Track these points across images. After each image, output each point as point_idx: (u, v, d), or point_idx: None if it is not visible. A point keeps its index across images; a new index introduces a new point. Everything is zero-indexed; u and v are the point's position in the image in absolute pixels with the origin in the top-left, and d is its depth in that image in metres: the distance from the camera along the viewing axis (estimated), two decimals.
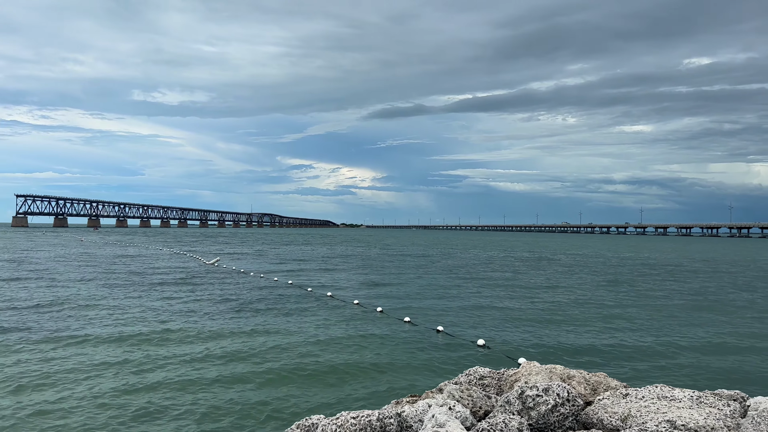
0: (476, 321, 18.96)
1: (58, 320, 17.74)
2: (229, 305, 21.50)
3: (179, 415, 9.44)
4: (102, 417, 9.25)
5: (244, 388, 10.89)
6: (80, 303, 21.42)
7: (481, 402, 5.31)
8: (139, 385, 10.96)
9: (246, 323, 17.74)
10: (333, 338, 15.63)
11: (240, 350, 13.99)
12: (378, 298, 24.11)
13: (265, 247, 76.80)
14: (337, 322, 18.26)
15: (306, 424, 5.48)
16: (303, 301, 22.89)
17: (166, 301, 22.54)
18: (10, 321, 17.51)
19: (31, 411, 9.48)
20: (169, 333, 15.97)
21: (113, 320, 17.91)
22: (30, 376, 11.45)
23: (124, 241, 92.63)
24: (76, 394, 10.31)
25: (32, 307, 20.15)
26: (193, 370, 12.13)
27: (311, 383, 11.35)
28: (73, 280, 29.97)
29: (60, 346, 14.18)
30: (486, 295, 26.21)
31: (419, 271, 39.41)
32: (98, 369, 12.08)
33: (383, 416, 4.74)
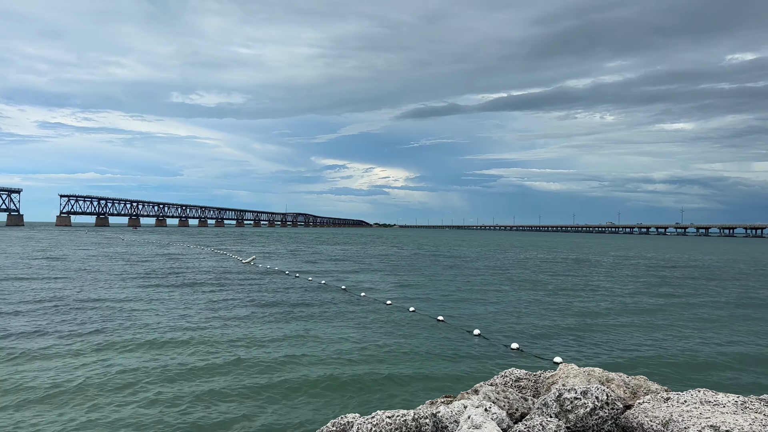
0: (511, 323, 18.76)
1: (101, 320, 18.25)
2: (264, 305, 21.78)
3: (216, 412, 9.61)
4: (146, 418, 9.48)
5: (277, 387, 11.02)
6: (121, 302, 22.01)
7: (517, 404, 5.26)
8: (176, 386, 11.20)
9: (280, 322, 17.95)
10: (365, 338, 15.68)
11: (274, 349, 14.16)
12: (410, 298, 24.09)
13: (300, 247, 77.57)
14: (370, 321, 18.32)
15: (341, 422, 5.52)
16: (336, 301, 23.03)
17: (204, 300, 22.98)
18: (52, 320, 18.10)
19: (74, 414, 9.78)
20: (207, 332, 16.27)
21: (154, 319, 18.34)
22: (75, 377, 11.81)
23: (163, 241, 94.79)
24: (112, 398, 10.60)
25: (75, 307, 20.79)
26: (229, 370, 12.34)
27: (344, 382, 11.41)
28: (115, 279, 30.81)
29: (101, 346, 14.58)
30: (521, 296, 25.92)
31: (452, 272, 39.22)
32: (138, 369, 12.38)
33: (418, 416, 4.74)
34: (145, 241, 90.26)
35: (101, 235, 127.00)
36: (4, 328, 16.28)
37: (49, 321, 17.43)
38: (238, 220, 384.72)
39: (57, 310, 19.42)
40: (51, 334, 15.53)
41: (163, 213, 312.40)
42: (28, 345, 14.16)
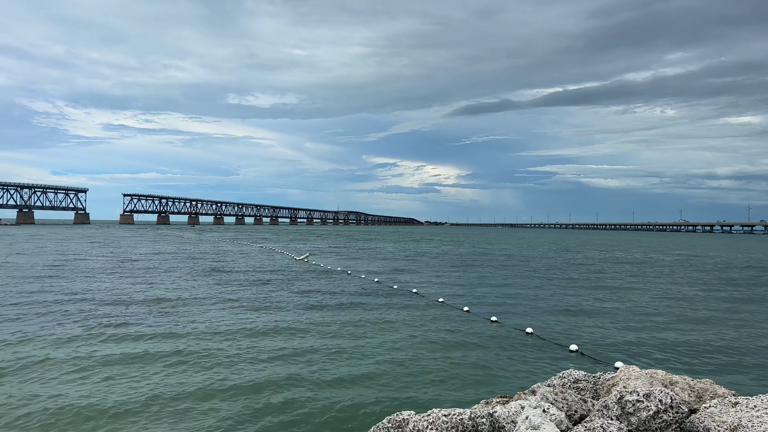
0: (567, 323, 18.38)
1: (161, 315, 18.96)
2: (317, 301, 22.12)
3: (274, 408, 9.85)
4: (206, 413, 9.82)
5: (330, 382, 11.19)
6: (182, 298, 22.81)
7: (576, 405, 5.17)
8: (237, 382, 11.53)
9: (333, 320, 18.18)
10: (417, 336, 15.70)
11: (327, 345, 14.37)
12: (463, 297, 23.93)
13: (351, 244, 78.26)
14: (422, 320, 18.32)
15: (397, 419, 5.56)
16: (388, 299, 23.13)
17: (262, 296, 23.53)
18: (113, 315, 18.93)
19: (139, 407, 10.21)
20: (264, 330, 16.67)
21: (213, 316, 18.91)
22: (134, 371, 12.34)
23: (220, 238, 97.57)
24: (171, 391, 11.00)
25: (138, 302, 21.68)
26: (284, 366, 12.60)
27: (396, 380, 11.47)
28: (176, 276, 31.95)
29: (158, 341, 15.15)
30: (579, 296, 25.33)
31: (506, 270, 38.70)
32: (197, 366, 12.82)
33: (475, 415, 4.73)
34: (203, 239, 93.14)
35: (162, 232, 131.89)
36: (71, 325, 17.16)
37: (114, 316, 18.26)
38: (292, 218, 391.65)
39: (123, 307, 20.31)
40: (114, 329, 16.26)
41: (220, 211, 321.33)
42: (93, 342, 14.88)
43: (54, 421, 9.01)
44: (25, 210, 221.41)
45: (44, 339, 14.60)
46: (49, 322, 16.83)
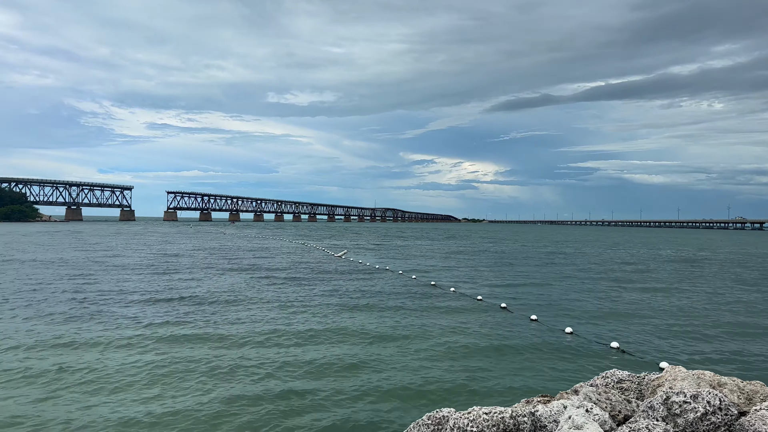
0: (610, 322, 18.02)
1: (204, 313, 19.40)
2: (356, 299, 22.27)
3: (315, 404, 9.99)
4: (247, 412, 10.03)
5: (369, 378, 11.27)
6: (224, 296, 23.28)
7: (620, 406, 5.08)
8: (276, 379, 11.73)
9: (371, 317, 18.28)
10: (455, 333, 15.65)
11: (365, 342, 14.46)
12: (502, 295, 23.71)
13: (389, 241, 78.41)
14: (460, 317, 18.24)
15: (436, 416, 5.58)
16: (426, 296, 23.11)
17: (301, 294, 23.84)
18: (153, 312, 19.46)
19: (180, 406, 10.49)
20: (304, 326, 16.89)
21: (255, 314, 19.25)
22: (172, 370, 12.66)
23: (260, 235, 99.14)
24: (212, 391, 11.26)
25: (180, 300, 22.22)
26: (322, 362, 12.74)
27: (434, 376, 11.47)
28: (218, 273, 32.64)
29: (199, 340, 15.49)
30: (621, 295, 24.80)
31: (546, 268, 38.16)
32: (237, 365, 13.07)
33: (516, 414, 4.71)
34: (243, 236, 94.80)
35: (204, 229, 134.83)
36: (111, 319, 17.73)
37: (154, 311, 18.79)
38: (330, 215, 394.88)
39: (165, 303, 20.87)
40: (154, 324, 16.74)
41: (260, 208, 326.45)
42: (137, 335, 15.35)
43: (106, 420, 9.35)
44: (73, 207, 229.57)
45: (96, 337, 15.14)
46: (98, 321, 17.44)
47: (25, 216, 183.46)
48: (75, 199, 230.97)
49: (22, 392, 10.14)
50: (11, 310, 18.19)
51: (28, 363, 12.01)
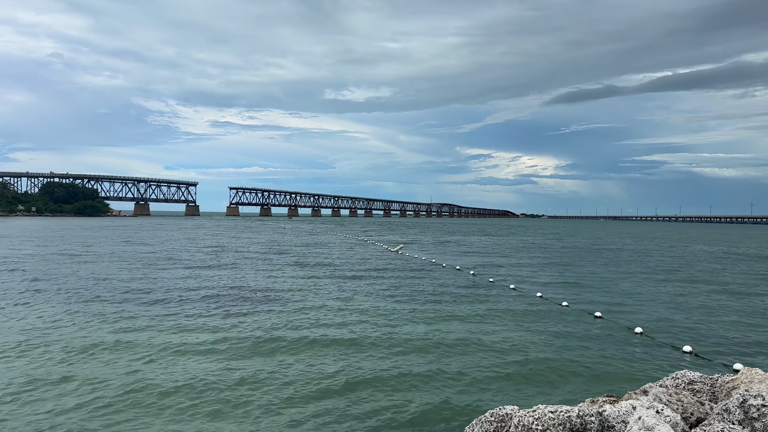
0: (680, 322, 17.34)
1: (268, 307, 19.91)
2: (413, 294, 22.33)
3: (379, 397, 10.13)
4: (323, 404, 10.27)
5: (430, 376, 11.31)
6: (287, 288, 23.84)
7: (692, 408, 4.92)
8: (342, 372, 11.94)
9: (430, 313, 18.30)
10: (516, 331, 15.46)
11: (425, 339, 14.50)
12: (563, 292, 23.21)
13: (444, 237, 78.05)
14: (520, 315, 18.00)
15: (499, 413, 5.56)
16: (485, 292, 22.91)
17: (362, 287, 24.12)
18: (214, 307, 20.10)
19: (249, 406, 10.84)
20: (366, 321, 17.11)
21: (311, 311, 19.63)
22: (238, 369, 13.06)
23: (318, 230, 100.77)
24: (273, 389, 11.54)
25: (246, 293, 22.88)
26: (386, 357, 12.87)
27: (495, 374, 11.39)
28: (281, 266, 33.43)
29: (264, 333, 15.91)
30: (692, 294, 23.80)
31: (609, 266, 37.05)
32: (294, 361, 13.37)
33: (583, 413, 4.64)
34: (303, 230, 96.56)
35: (265, 224, 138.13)
36: (167, 314, 18.45)
37: (212, 307, 19.45)
38: (385, 210, 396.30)
39: (221, 298, 21.57)
40: (211, 319, 17.33)
41: (317, 203, 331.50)
42: (195, 330, 15.95)
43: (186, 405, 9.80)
44: (141, 202, 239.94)
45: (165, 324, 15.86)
46: (172, 311, 18.24)
47: (97, 211, 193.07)
48: (143, 195, 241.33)
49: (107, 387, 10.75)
50: (98, 301, 19.28)
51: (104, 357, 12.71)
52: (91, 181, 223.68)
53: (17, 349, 12.68)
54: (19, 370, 11.14)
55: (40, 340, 13.43)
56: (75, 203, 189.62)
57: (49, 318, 16.12)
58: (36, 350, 12.59)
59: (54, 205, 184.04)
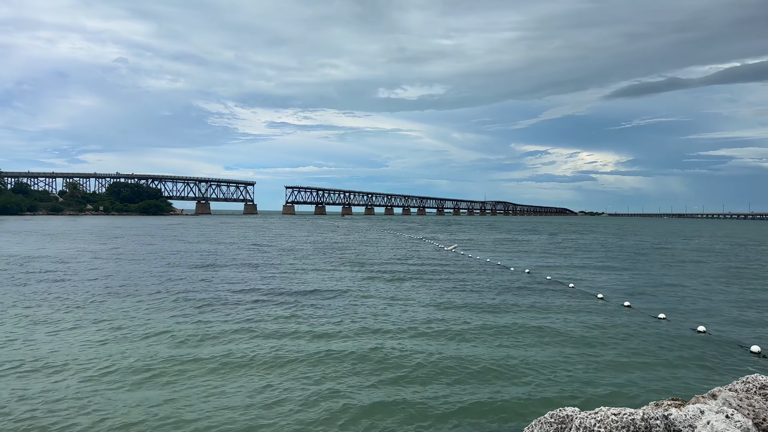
0: (748, 323, 16.57)
1: (325, 306, 20.25)
2: (470, 293, 22.22)
3: (436, 396, 10.19)
4: (379, 404, 10.42)
5: (490, 378, 11.26)
6: (344, 289, 24.17)
7: (765, 413, 4.75)
8: (399, 372, 12.06)
9: (486, 312, 18.17)
10: (574, 333, 15.16)
11: (483, 338, 14.43)
12: (624, 292, 22.55)
13: (499, 235, 77.06)
14: (578, 315, 17.62)
15: (560, 414, 5.52)
16: (542, 292, 22.54)
17: (417, 287, 24.18)
18: (268, 307, 20.54)
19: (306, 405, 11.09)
20: (422, 320, 17.17)
21: (367, 309, 19.83)
22: (297, 368, 13.34)
23: (372, 227, 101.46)
24: (328, 390, 11.75)
25: (303, 293, 23.34)
26: (442, 357, 12.90)
27: (555, 375, 11.23)
28: (336, 265, 33.90)
29: (319, 334, 16.19)
30: (760, 293, 22.66)
31: (673, 265, 35.69)
32: (361, 354, 13.56)
33: (648, 416, 4.56)
34: (356, 228, 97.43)
35: (320, 222, 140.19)
36: (224, 313, 18.99)
37: (265, 307, 19.91)
38: (439, 208, 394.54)
39: (275, 298, 22.07)
40: (266, 321, 17.75)
41: (371, 202, 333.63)
42: (244, 329, 16.39)
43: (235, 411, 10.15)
44: (202, 201, 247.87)
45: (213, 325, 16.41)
46: (222, 313, 18.85)
47: (161, 210, 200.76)
48: (204, 194, 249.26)
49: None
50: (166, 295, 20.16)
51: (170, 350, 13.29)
52: (154, 181, 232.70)
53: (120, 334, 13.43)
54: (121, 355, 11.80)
55: (141, 332, 14.18)
56: (140, 202, 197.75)
57: (149, 307, 16.98)
58: (144, 339, 13.30)
59: (120, 205, 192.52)
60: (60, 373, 10.97)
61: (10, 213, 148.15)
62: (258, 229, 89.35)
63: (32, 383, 10.38)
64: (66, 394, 9.80)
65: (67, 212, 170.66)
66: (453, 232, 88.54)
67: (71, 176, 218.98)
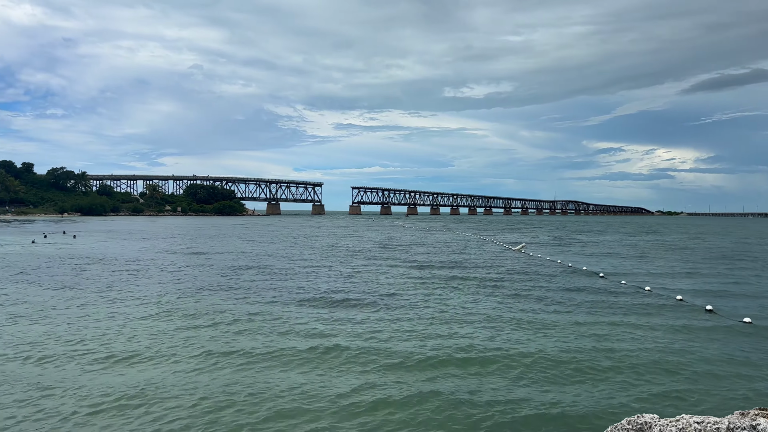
0: None
1: (396, 308, 20.40)
2: (539, 295, 21.79)
3: (508, 402, 10.10)
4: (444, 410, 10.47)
5: (564, 382, 11.03)
6: (408, 294, 24.27)
7: None
8: (467, 376, 12.02)
9: (559, 314, 17.79)
10: (652, 337, 14.58)
11: (555, 342, 14.14)
12: (707, 295, 21.43)
13: (570, 236, 74.91)
14: (656, 319, 16.91)
15: (638, 421, 5.35)
16: (616, 295, 21.79)
17: (482, 287, 23.98)
18: (338, 308, 20.84)
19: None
20: (493, 321, 17.03)
21: (435, 309, 19.84)
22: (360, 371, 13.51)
23: (437, 227, 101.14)
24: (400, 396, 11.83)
25: (370, 294, 23.58)
26: (514, 361, 12.74)
27: (631, 381, 10.86)
28: (395, 266, 34.08)
29: (386, 339, 16.33)
30: None
31: (761, 269, 33.55)
32: (430, 362, 13.60)
33: (734, 426, 4.34)
34: (422, 228, 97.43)
35: (385, 222, 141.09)
36: (301, 313, 19.41)
37: (334, 307, 20.23)
38: (506, 208, 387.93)
39: (349, 298, 22.38)
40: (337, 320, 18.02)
41: (436, 202, 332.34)
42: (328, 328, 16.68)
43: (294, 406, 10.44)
44: (273, 202, 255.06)
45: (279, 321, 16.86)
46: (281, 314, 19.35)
47: (234, 210, 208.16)
48: (274, 195, 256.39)
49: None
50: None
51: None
52: (228, 182, 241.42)
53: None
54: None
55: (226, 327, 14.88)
56: (215, 203, 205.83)
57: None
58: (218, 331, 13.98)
59: (197, 205, 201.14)
60: (165, 362, 11.65)
61: (96, 213, 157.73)
62: (325, 228, 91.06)
63: (140, 368, 11.08)
64: (174, 381, 10.41)
65: (147, 213, 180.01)
66: (521, 232, 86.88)
67: (151, 178, 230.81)
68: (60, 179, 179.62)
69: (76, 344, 13.15)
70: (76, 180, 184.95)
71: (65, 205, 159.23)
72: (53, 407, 9.26)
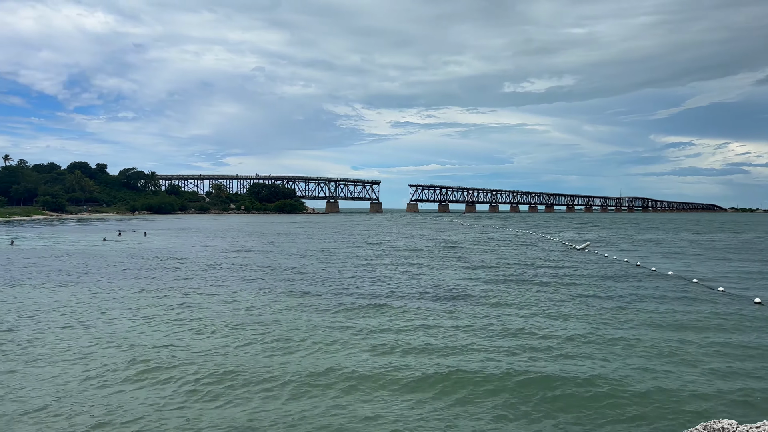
0: None
1: (456, 305, 20.47)
2: (606, 295, 21.35)
3: (574, 401, 10.07)
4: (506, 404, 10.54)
5: (633, 384, 10.86)
6: (470, 296, 24.25)
7: None
8: (531, 374, 12.02)
9: (629, 315, 17.41)
10: (726, 338, 14.06)
11: (624, 342, 13.89)
12: None
13: (637, 234, 72.32)
14: (733, 322, 16.23)
15: (715, 426, 5.30)
16: (687, 295, 21.01)
17: (548, 289, 23.67)
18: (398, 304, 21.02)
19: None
20: (557, 319, 16.87)
21: (506, 305, 19.77)
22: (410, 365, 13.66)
23: (496, 225, 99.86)
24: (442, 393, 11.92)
25: (433, 297, 23.71)
26: (580, 360, 12.63)
27: (707, 385, 10.56)
28: (465, 265, 34.02)
29: (445, 337, 16.41)
30: None
31: None
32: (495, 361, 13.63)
33: None
34: (480, 226, 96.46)
35: (443, 220, 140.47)
36: (356, 307, 19.72)
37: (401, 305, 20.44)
38: (568, 205, 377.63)
39: (408, 295, 22.57)
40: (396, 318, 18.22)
41: (495, 199, 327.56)
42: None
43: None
44: (331, 200, 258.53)
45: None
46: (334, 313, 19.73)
47: (295, 209, 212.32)
48: (333, 194, 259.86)
49: None
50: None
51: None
52: (289, 181, 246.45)
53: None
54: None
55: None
56: (276, 202, 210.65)
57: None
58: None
59: (259, 204, 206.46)
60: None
61: (164, 212, 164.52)
62: (383, 225, 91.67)
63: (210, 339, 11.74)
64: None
65: (212, 211, 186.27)
66: (584, 230, 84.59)
67: (216, 178, 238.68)
68: (131, 179, 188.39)
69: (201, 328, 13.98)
70: (146, 180, 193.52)
71: (136, 204, 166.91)
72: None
